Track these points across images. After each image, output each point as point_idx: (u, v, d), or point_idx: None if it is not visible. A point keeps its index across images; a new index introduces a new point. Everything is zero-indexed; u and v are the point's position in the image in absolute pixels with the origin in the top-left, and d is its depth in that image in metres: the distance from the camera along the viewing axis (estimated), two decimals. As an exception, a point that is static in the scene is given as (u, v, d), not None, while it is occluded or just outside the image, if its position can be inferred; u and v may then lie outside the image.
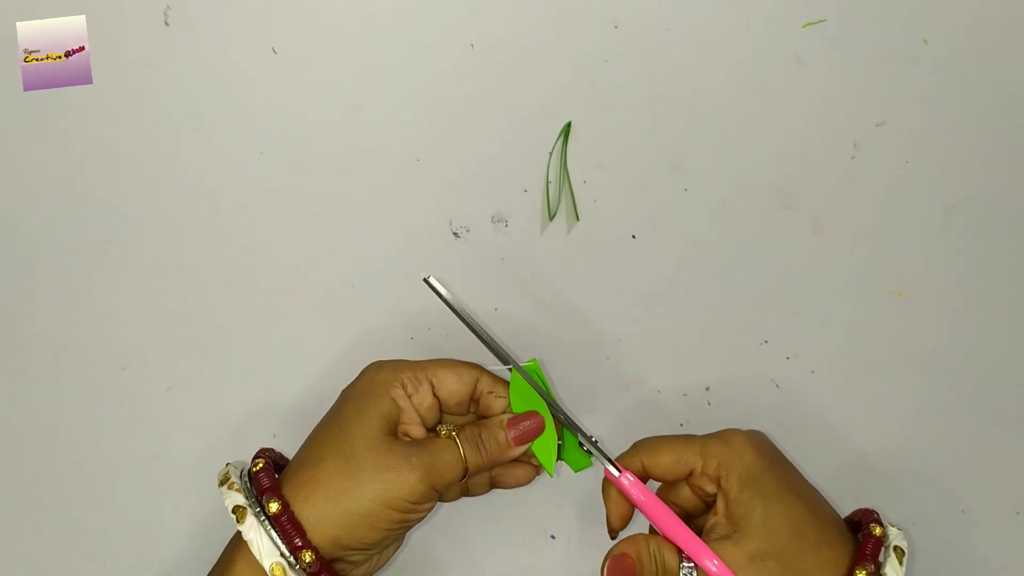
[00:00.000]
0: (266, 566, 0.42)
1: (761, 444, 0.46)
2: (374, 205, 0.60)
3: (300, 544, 0.42)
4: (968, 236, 0.61)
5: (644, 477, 0.47)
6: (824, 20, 0.62)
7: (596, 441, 0.47)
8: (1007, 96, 0.62)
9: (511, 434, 0.46)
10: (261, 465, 0.45)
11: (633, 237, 0.61)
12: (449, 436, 0.45)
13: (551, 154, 0.55)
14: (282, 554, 0.42)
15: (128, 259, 0.59)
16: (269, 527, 0.43)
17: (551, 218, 0.57)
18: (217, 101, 0.60)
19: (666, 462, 0.46)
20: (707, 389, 0.60)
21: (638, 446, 0.48)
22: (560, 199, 0.57)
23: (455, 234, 0.60)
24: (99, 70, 0.60)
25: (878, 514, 0.47)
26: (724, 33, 0.62)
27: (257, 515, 0.43)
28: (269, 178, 0.60)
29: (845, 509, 0.53)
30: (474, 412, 0.49)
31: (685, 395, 0.60)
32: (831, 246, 0.61)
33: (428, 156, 0.60)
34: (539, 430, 0.46)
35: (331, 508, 0.43)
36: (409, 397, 0.46)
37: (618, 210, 0.61)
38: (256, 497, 0.44)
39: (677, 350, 0.60)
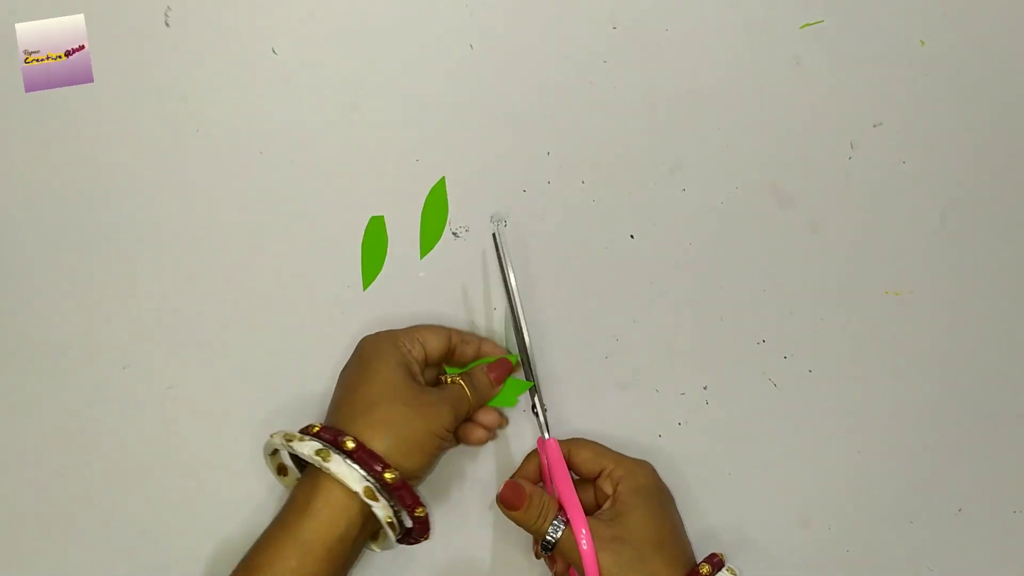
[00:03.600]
0: (359, 489, 0.48)
1: (658, 479, 0.56)
2: (374, 205, 0.60)
3: (381, 468, 0.49)
4: (965, 236, 0.61)
5: (566, 462, 0.56)
6: (822, 21, 0.62)
7: (546, 410, 0.57)
8: (1004, 97, 0.62)
9: (492, 375, 0.56)
10: (319, 426, 0.51)
11: (631, 237, 0.61)
12: (454, 382, 0.55)
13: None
14: (366, 479, 0.49)
15: (128, 259, 0.59)
16: (350, 461, 0.49)
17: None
18: (217, 101, 0.60)
19: (587, 455, 0.56)
20: (705, 388, 0.60)
21: (570, 440, 0.57)
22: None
23: (454, 234, 0.60)
24: (99, 71, 0.60)
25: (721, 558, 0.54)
26: (722, 34, 0.62)
27: (337, 454, 0.49)
28: (269, 178, 0.60)
29: (842, 507, 0.53)
30: (447, 361, 0.58)
31: (683, 394, 0.60)
32: (828, 246, 0.61)
33: (428, 156, 0.60)
34: (508, 370, 0.57)
35: (392, 440, 0.50)
36: (410, 353, 0.54)
37: (616, 210, 0.61)
38: (326, 444, 0.50)
39: (675, 349, 0.60)
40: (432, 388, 0.54)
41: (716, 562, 0.53)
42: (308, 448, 0.49)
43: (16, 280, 0.59)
